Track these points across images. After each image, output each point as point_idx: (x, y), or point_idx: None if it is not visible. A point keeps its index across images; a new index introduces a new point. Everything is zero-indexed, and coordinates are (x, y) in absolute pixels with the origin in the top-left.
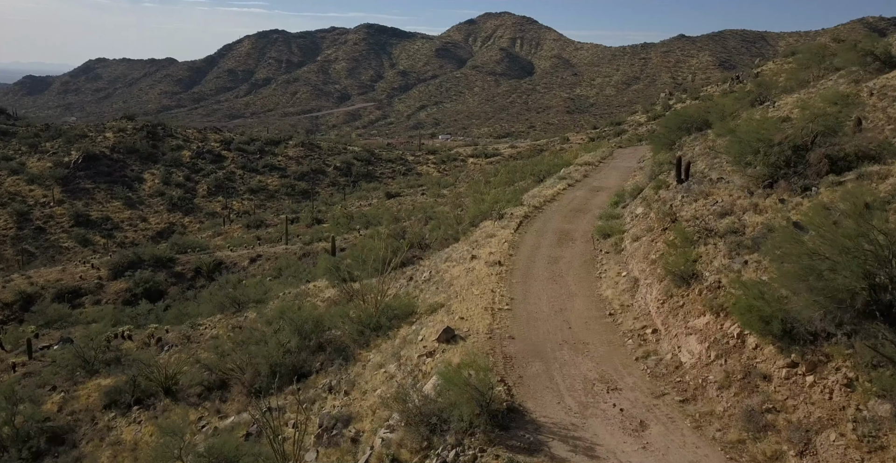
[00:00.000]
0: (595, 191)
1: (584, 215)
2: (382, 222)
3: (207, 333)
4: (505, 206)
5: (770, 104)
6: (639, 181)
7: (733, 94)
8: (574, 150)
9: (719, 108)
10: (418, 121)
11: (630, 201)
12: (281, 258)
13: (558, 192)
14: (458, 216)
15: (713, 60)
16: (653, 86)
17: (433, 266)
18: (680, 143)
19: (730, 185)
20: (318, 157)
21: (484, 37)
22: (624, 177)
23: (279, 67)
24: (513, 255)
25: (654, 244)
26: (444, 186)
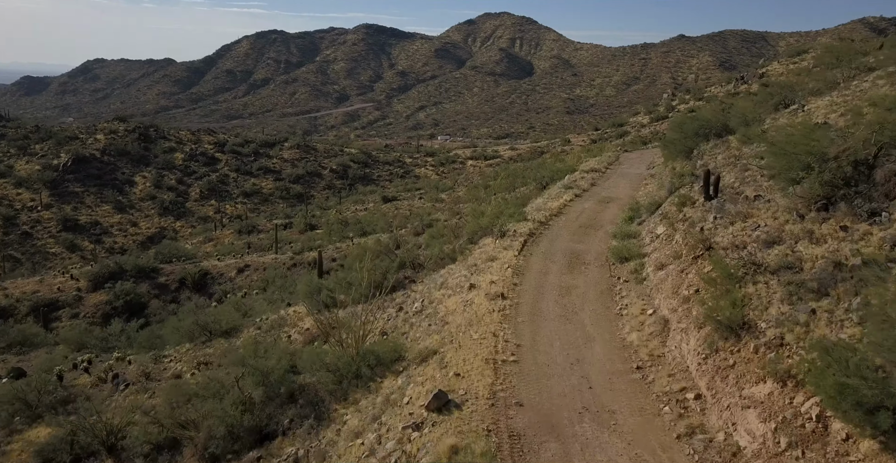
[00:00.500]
0: (605, 202)
1: (595, 232)
2: (377, 230)
3: (172, 367)
4: (507, 221)
5: (798, 108)
6: (652, 192)
7: (754, 97)
8: (576, 153)
9: (740, 112)
10: (417, 121)
11: (647, 217)
12: (269, 269)
13: (565, 203)
14: (456, 228)
15: (713, 61)
16: (653, 86)
17: (426, 293)
18: (699, 150)
19: (772, 206)
20: (313, 159)
21: (483, 37)
22: (634, 186)
23: (278, 68)
24: (517, 284)
25: (684, 276)
26: (443, 190)
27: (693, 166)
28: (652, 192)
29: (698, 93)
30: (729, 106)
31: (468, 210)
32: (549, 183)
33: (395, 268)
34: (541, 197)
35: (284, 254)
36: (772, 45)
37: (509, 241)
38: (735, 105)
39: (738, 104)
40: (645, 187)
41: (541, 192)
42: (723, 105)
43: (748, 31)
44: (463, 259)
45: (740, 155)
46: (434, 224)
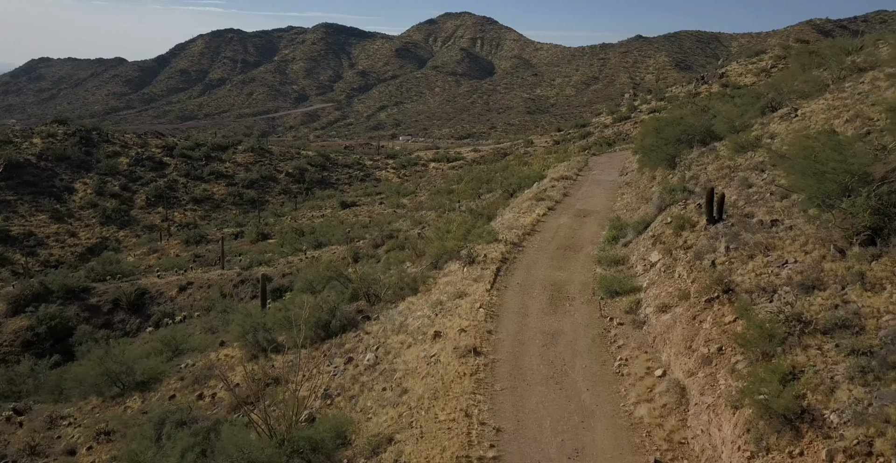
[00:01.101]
0: (581, 216)
1: (575, 255)
2: (334, 240)
3: (67, 435)
4: (476, 242)
5: (790, 112)
6: (631, 203)
7: (738, 99)
8: (540, 156)
9: (726, 117)
10: (378, 122)
11: (634, 237)
12: (215, 286)
13: (538, 218)
14: (418, 247)
15: (670, 61)
16: (612, 86)
17: (382, 339)
18: (683, 159)
19: (797, 235)
20: (268, 162)
21: (444, 37)
22: (610, 195)
23: (234, 67)
24: (492, 332)
25: (697, 325)
26: (405, 195)
27: (682, 178)
28: (630, 203)
29: (659, 93)
30: (704, 108)
31: (432, 229)
32: (516, 190)
33: (348, 298)
34: (510, 209)
35: (231, 269)
36: (725, 45)
37: (479, 269)
38: (714, 107)
39: (721, 107)
40: (622, 198)
41: (508, 199)
42: (698, 107)
43: (703, 32)
44: (426, 290)
45: (735, 166)
46: (395, 234)
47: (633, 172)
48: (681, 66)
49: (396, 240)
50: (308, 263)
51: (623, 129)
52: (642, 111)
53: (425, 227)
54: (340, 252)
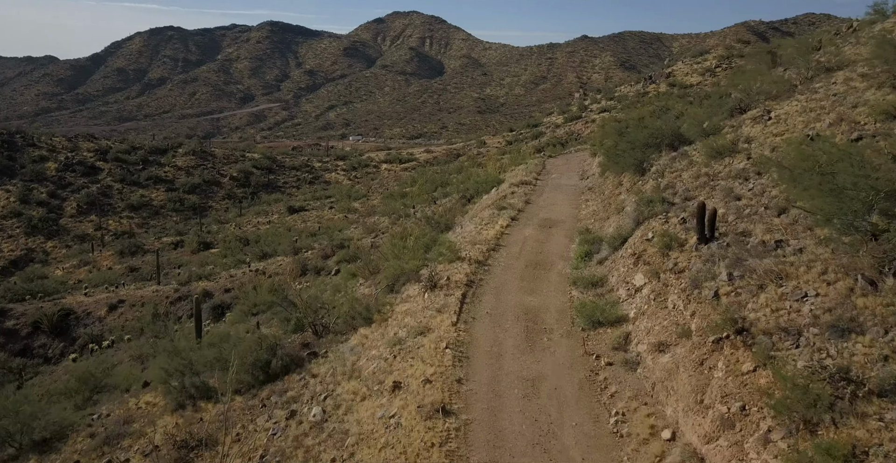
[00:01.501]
0: (547, 227)
1: (547, 274)
2: (280, 250)
3: None
4: (436, 260)
5: (763, 114)
6: (598, 212)
7: (712, 101)
8: (493, 157)
9: (694, 119)
10: (327, 121)
11: (610, 253)
12: (149, 305)
13: (502, 230)
14: (372, 262)
15: (615, 60)
16: (560, 85)
17: (331, 386)
18: (653, 164)
19: (812, 261)
20: (211, 166)
21: (393, 36)
22: (573, 202)
23: (175, 67)
24: (463, 380)
25: (708, 372)
26: (356, 198)
27: (656, 187)
28: (597, 211)
29: (609, 93)
30: (663, 109)
31: (387, 240)
32: (474, 195)
33: (292, 328)
34: (470, 219)
35: (168, 284)
36: (667, 45)
37: (443, 296)
38: (675, 108)
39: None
40: (587, 205)
41: (466, 206)
42: (657, 108)
43: (646, 33)
44: (382, 320)
45: (713, 174)
46: (346, 244)
47: (595, 177)
48: (625, 65)
49: (348, 250)
50: (252, 278)
51: (575, 129)
52: (593, 111)
53: (378, 235)
54: (287, 264)
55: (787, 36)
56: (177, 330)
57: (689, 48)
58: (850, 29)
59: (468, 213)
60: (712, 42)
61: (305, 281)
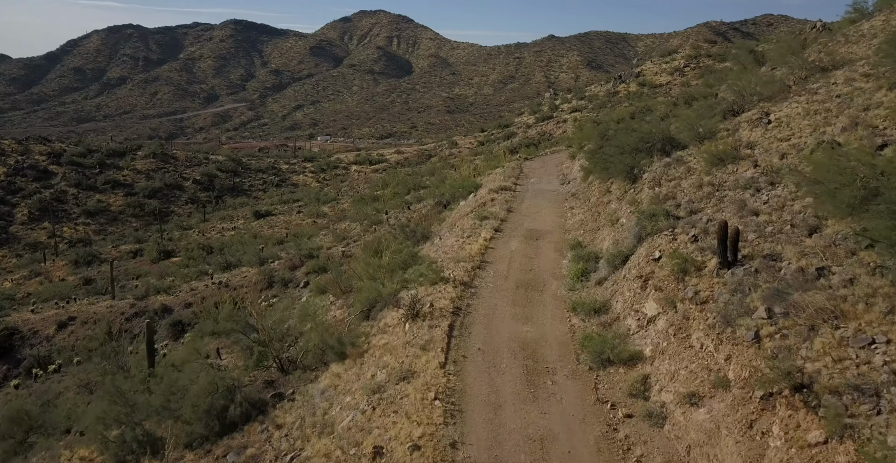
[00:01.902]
0: (534, 239)
1: (540, 296)
2: (245, 260)
3: None
4: (417, 280)
5: (761, 117)
6: (586, 222)
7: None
8: (466, 158)
9: (687, 121)
10: (295, 121)
11: (610, 273)
12: (102, 322)
13: (486, 244)
14: (343, 279)
15: (582, 60)
16: (528, 84)
17: (299, 441)
18: (646, 171)
19: (867, 293)
20: (173, 169)
21: (360, 35)
22: (558, 209)
23: (135, 66)
24: (457, 444)
25: (759, 438)
26: (325, 202)
27: (655, 198)
28: (585, 221)
29: (579, 92)
30: (645, 109)
31: (359, 252)
32: (450, 201)
33: (255, 362)
34: (449, 229)
35: (124, 299)
36: (632, 45)
37: (427, 327)
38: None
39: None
40: (573, 214)
41: (442, 212)
42: (637, 108)
43: (611, 33)
44: (357, 355)
45: (718, 184)
46: (316, 254)
47: (577, 182)
48: (592, 65)
49: (317, 260)
50: (215, 291)
51: (546, 129)
52: (564, 110)
53: (350, 244)
54: (252, 276)
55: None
56: (131, 351)
57: (654, 48)
58: (817, 29)
59: (446, 221)
60: (676, 42)
61: (272, 295)
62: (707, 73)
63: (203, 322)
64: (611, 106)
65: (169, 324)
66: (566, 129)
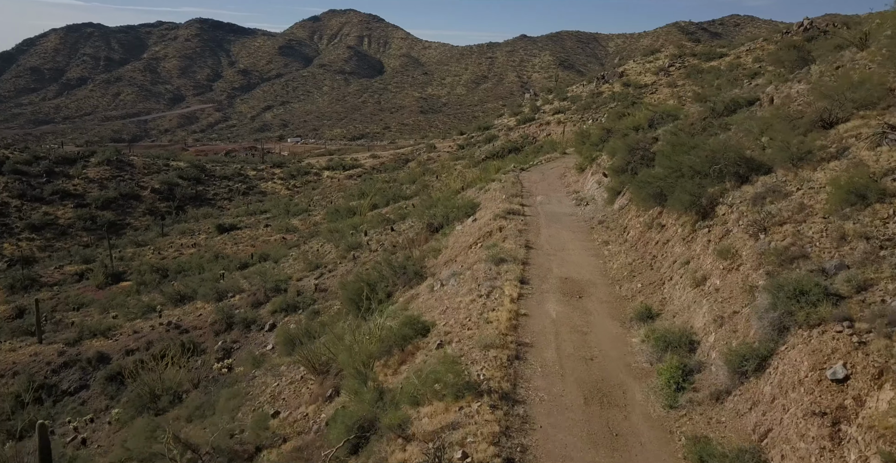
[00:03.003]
0: (575, 296)
1: (627, 422)
2: (201, 292)
3: None
4: (429, 387)
5: (887, 132)
6: (632, 265)
7: (778, 110)
8: (446, 162)
9: (779, 134)
10: (264, 122)
11: (736, 383)
12: (23, 375)
13: (515, 309)
14: (321, 351)
15: (554, 60)
16: (501, 84)
17: None
18: (724, 202)
19: None
20: (129, 177)
21: (330, 34)
22: (587, 244)
23: (97, 66)
24: None
25: None
26: (296, 213)
27: (771, 253)
28: (636, 268)
29: (561, 93)
30: (666, 115)
31: (342, 338)
32: (443, 224)
33: None
34: (455, 278)
35: (53, 343)
36: (603, 45)
37: None
38: (753, 120)
39: (765, 120)
40: (608, 250)
41: (433, 236)
42: (654, 112)
43: (582, 32)
44: None
45: (877, 235)
46: (283, 286)
47: (599, 203)
48: (564, 64)
49: (285, 296)
50: (163, 334)
51: (529, 132)
52: (546, 112)
53: (324, 274)
54: (208, 314)
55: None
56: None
57: (625, 48)
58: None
59: (443, 254)
60: (646, 42)
61: (231, 340)
62: (694, 73)
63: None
64: (596, 107)
65: (105, 378)
66: (550, 133)
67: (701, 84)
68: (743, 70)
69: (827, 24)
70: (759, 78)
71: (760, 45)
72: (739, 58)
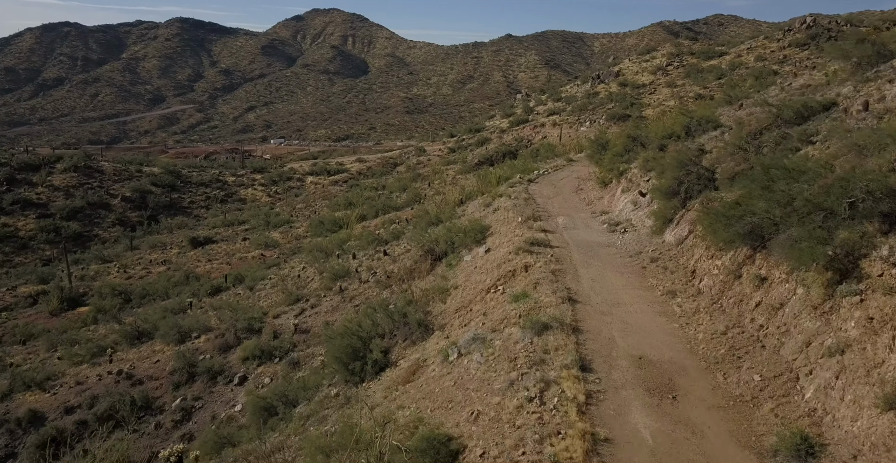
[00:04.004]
0: (667, 396)
1: None
2: (161, 329)
3: None
4: None
5: None
6: (718, 331)
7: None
8: (438, 167)
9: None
10: (247, 123)
11: None
12: None
13: (589, 429)
14: None
15: (540, 59)
16: (487, 84)
17: None
18: (874, 257)
19: None
20: (98, 184)
21: (314, 34)
22: (647, 294)
23: (74, 66)
24: None
25: None
26: (276, 225)
27: None
28: (736, 343)
29: (555, 93)
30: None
31: (321, 331)
32: (446, 251)
33: None
34: (477, 348)
35: None
36: (588, 45)
37: None
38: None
39: (886, 127)
40: (682, 310)
41: (436, 267)
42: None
43: (568, 32)
44: None
45: None
46: (258, 325)
47: (642, 231)
48: (550, 64)
49: (259, 339)
50: (111, 385)
51: (524, 135)
52: (540, 113)
53: (306, 309)
54: (166, 360)
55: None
56: None
57: (610, 47)
58: None
59: (452, 297)
60: (632, 41)
61: (193, 396)
62: (694, 72)
63: None
64: (593, 108)
65: (36, 444)
66: (546, 135)
67: (703, 83)
68: (747, 68)
69: (829, 21)
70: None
71: (762, 43)
72: (741, 56)
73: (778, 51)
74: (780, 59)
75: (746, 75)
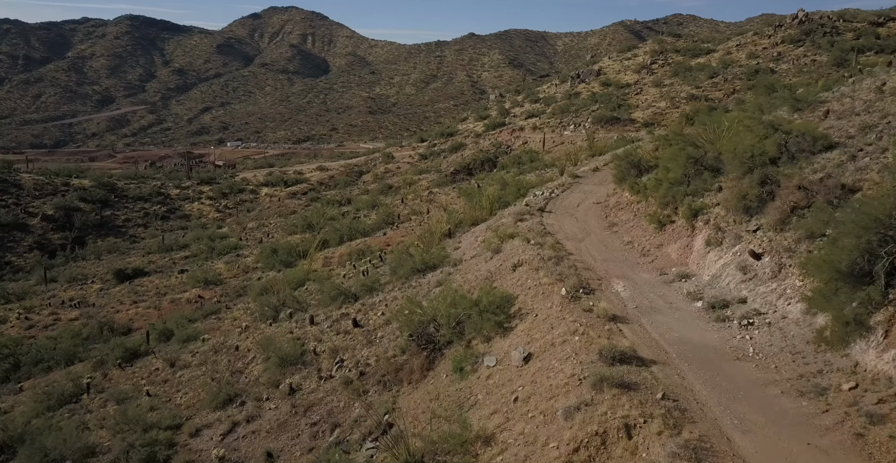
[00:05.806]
0: None
1: None
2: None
3: None
4: None
5: None
6: None
7: None
8: (409, 176)
9: None
10: (202, 125)
11: None
12: None
13: None
14: None
15: (503, 58)
16: (451, 84)
17: None
18: None
19: None
20: (15, 202)
21: (272, 32)
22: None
23: (14, 65)
24: None
25: None
26: (222, 251)
27: None
28: None
29: (532, 94)
30: (775, 129)
31: None
32: (451, 340)
33: None
34: None
35: None
36: (551, 44)
37: None
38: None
39: None
40: None
41: (428, 366)
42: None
43: (530, 31)
44: None
45: None
46: (164, 451)
47: (793, 334)
48: (514, 63)
49: None
50: None
51: (502, 140)
52: (518, 116)
53: (238, 424)
54: None
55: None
56: None
57: (573, 46)
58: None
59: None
60: (594, 40)
61: None
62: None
63: None
64: (575, 110)
65: None
66: (527, 140)
67: (695, 83)
68: (740, 66)
69: (821, 16)
70: (860, 76)
71: (751, 39)
72: (730, 54)
73: (770, 47)
74: (775, 56)
75: (716, 74)
